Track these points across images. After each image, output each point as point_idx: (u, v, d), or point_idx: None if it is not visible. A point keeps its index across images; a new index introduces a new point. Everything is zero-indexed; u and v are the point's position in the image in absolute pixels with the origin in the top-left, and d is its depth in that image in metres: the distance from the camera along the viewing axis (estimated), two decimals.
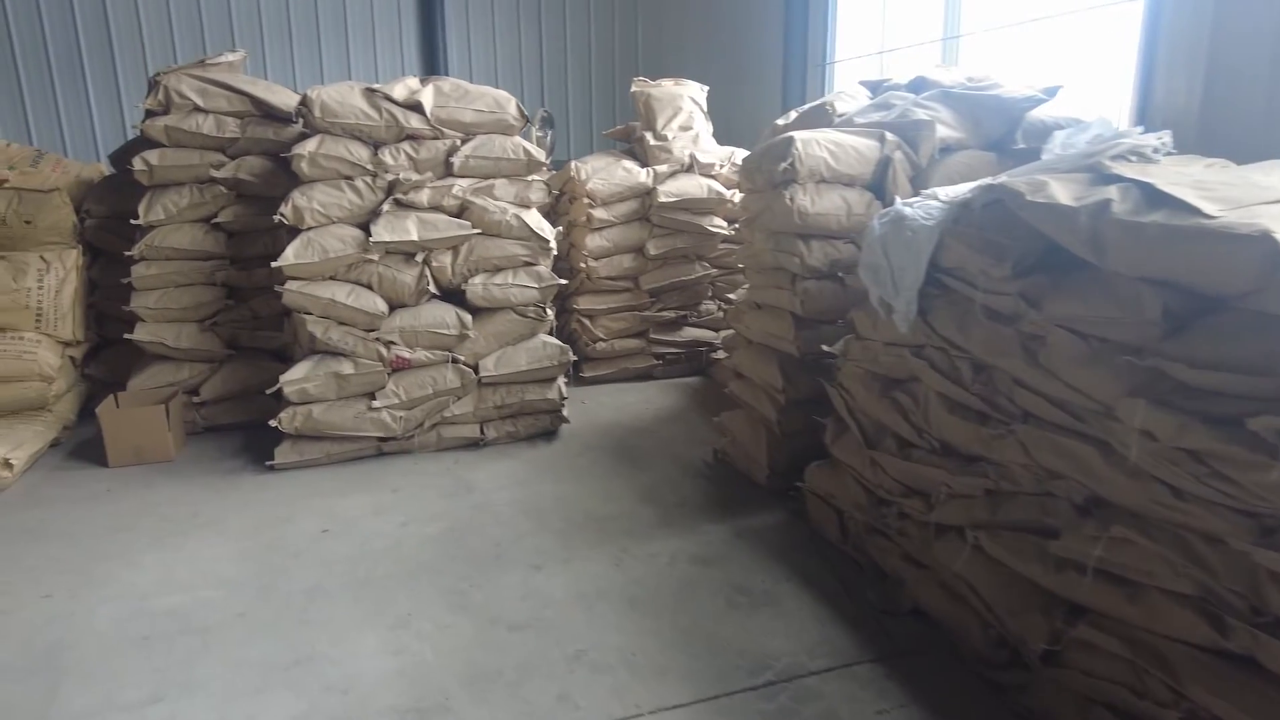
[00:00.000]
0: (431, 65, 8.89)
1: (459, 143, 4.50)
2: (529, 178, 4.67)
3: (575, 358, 4.74)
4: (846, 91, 4.65)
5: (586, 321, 5.69)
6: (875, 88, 4.65)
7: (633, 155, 5.97)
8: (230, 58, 5.17)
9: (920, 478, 2.91)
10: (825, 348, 3.48)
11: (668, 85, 6.16)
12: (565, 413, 4.69)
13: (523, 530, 3.55)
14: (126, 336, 4.69)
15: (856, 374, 3.29)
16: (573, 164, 5.75)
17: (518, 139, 4.64)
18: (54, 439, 4.64)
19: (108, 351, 5.23)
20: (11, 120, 8.08)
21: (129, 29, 8.18)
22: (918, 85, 4.30)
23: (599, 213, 5.55)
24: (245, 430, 4.86)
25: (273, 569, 3.27)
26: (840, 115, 4.27)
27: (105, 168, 5.87)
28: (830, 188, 3.64)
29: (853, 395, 3.29)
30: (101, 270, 5.13)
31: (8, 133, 8.02)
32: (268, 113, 4.86)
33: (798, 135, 3.64)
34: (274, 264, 4.17)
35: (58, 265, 4.76)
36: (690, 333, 5.90)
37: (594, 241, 5.59)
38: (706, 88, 6.27)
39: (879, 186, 3.73)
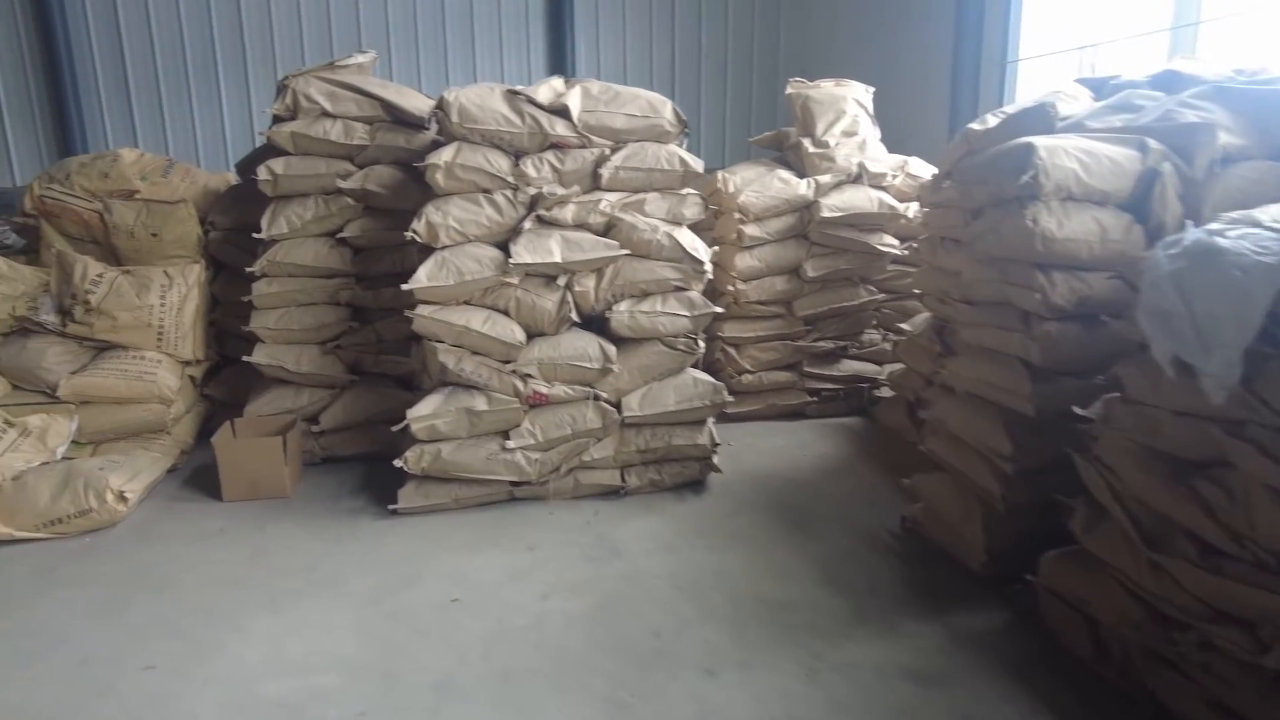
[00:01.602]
0: (559, 69, 8.48)
1: (608, 152, 3.98)
2: (683, 191, 4.11)
3: (731, 398, 4.13)
4: (1065, 91, 3.89)
5: (732, 351, 5.08)
6: (1099, 86, 3.88)
7: (785, 164, 5.33)
8: (360, 59, 4.82)
9: (1241, 601, 2.16)
10: (1078, 410, 2.76)
11: (828, 86, 5.50)
12: (716, 460, 4.09)
13: (684, 615, 2.96)
14: (245, 359, 4.36)
15: (1125, 448, 2.56)
16: (720, 175, 5.16)
17: (672, 147, 4.08)
18: (171, 465, 4.35)
19: (228, 370, 4.95)
20: (151, 129, 8.10)
21: (260, 34, 8.10)
22: (1168, 81, 3.51)
23: (751, 229, 4.94)
24: (365, 463, 4.47)
25: (397, 649, 2.78)
26: (1064, 118, 3.52)
27: (233, 177, 5.63)
28: (1080, 207, 2.91)
29: (1119, 475, 2.56)
30: (224, 286, 4.85)
31: (146, 142, 8.06)
32: (398, 118, 4.46)
33: (1039, 142, 2.93)
34: (405, 286, 3.73)
35: (180, 281, 4.48)
36: (850, 366, 5.21)
37: (744, 261, 4.98)
38: (872, 89, 5.57)
39: (1138, 206, 2.98)
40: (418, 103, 4.55)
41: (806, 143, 5.19)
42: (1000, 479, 3.08)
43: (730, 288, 4.97)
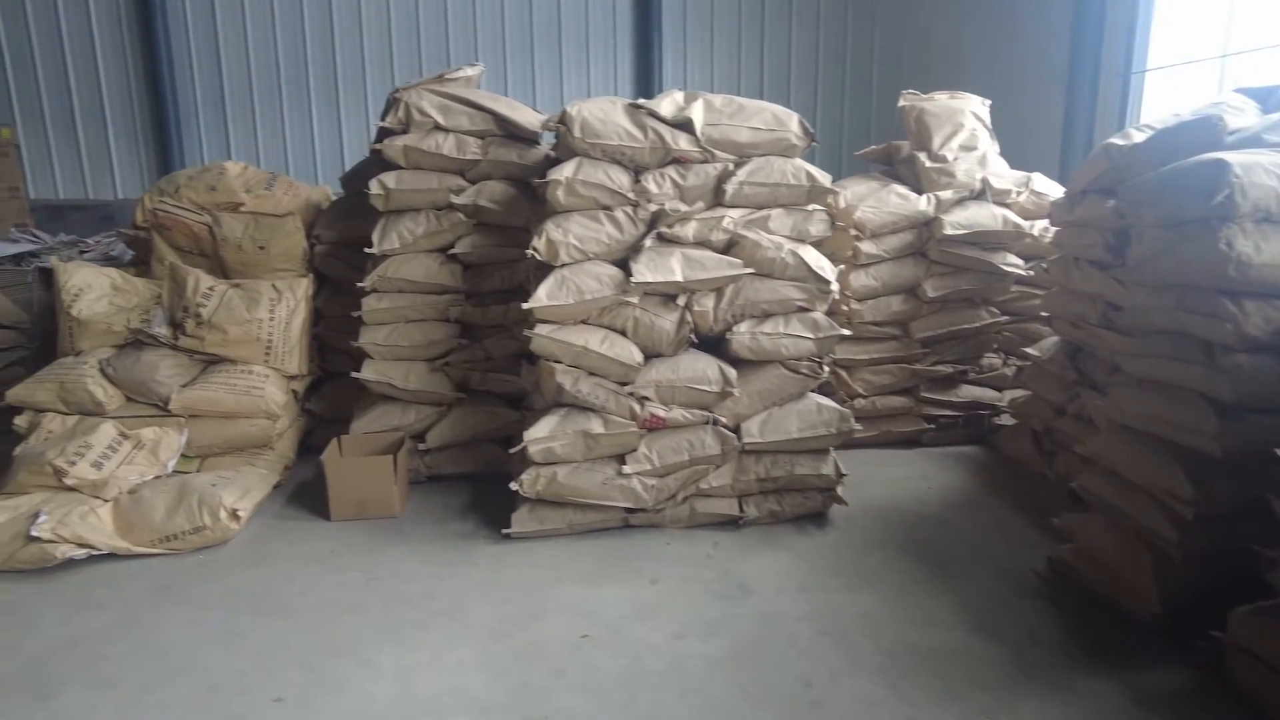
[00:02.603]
0: (645, 80, 8.40)
1: (731, 166, 3.82)
2: (809, 207, 3.93)
3: (858, 426, 3.92)
4: (1228, 102, 3.62)
5: (844, 373, 4.86)
6: (1265, 96, 3.61)
7: (897, 179, 5.11)
8: (469, 72, 4.75)
9: None
10: None
11: (943, 99, 5.27)
12: (841, 491, 3.88)
13: (833, 664, 2.76)
14: (354, 375, 4.30)
15: None
16: None
17: (799, 161, 3.91)
18: (276, 482, 4.31)
19: (329, 385, 4.91)
20: (244, 142, 8.23)
21: (351, 50, 8.18)
22: None
23: (867, 246, 4.73)
24: (471, 482, 4.38)
25: (532, 690, 2.64)
26: (1234, 132, 3.26)
27: (331, 191, 5.62)
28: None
29: None
30: (327, 300, 4.81)
31: (239, 156, 8.18)
32: (510, 132, 4.37)
33: (1232, 158, 2.68)
34: (525, 305, 3.62)
35: (289, 295, 4.45)
36: (968, 392, 4.96)
37: (859, 280, 4.77)
38: (989, 101, 5.32)
39: None
40: (528, 116, 4.46)
41: (922, 157, 4.96)
42: (1176, 523, 2.82)
43: (844, 307, 4.76)
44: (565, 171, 3.72)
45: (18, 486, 3.88)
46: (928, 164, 4.91)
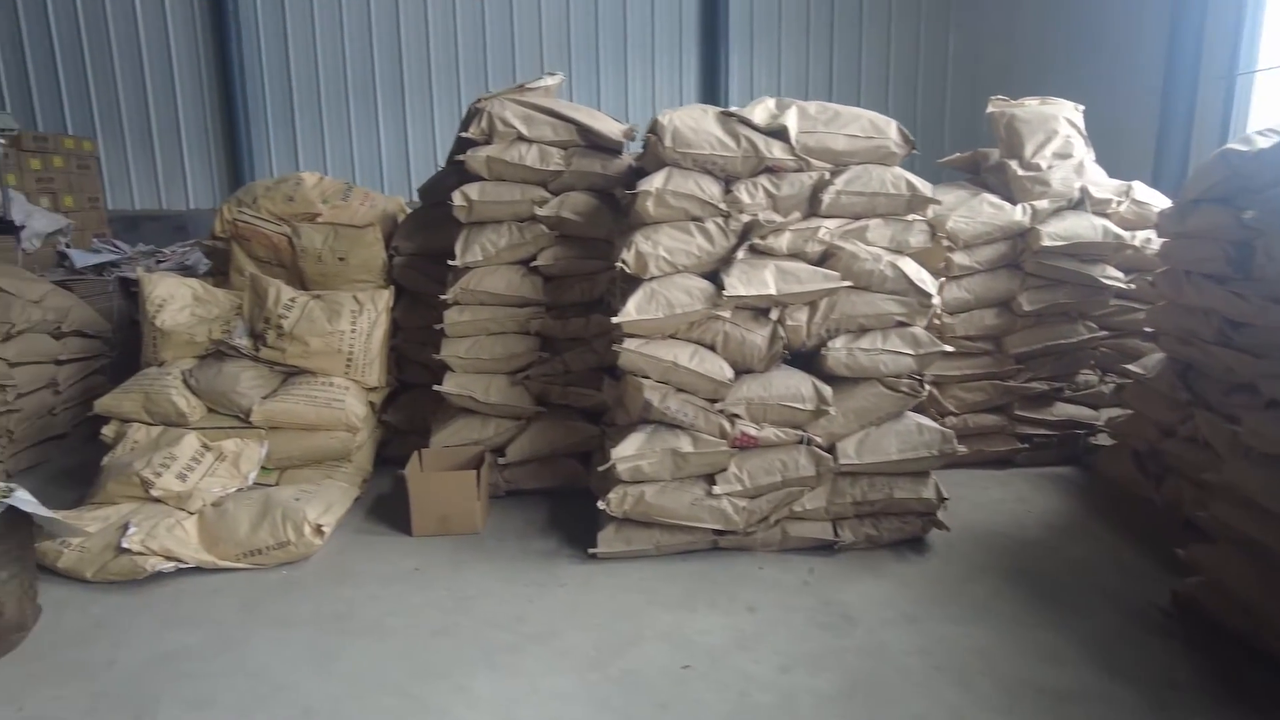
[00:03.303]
0: (711, 88, 8.30)
1: (827, 175, 3.68)
2: (909, 217, 3.77)
3: (962, 448, 3.74)
4: None
5: (934, 390, 4.67)
6: None
7: (985, 187, 4.91)
8: (549, 81, 4.68)
9: None
10: None
11: (1034, 105, 5.06)
12: (941, 516, 3.71)
13: (953, 704, 2.60)
14: (436, 388, 4.24)
15: None
16: None
17: (898, 170, 3.76)
18: (356, 495, 4.27)
19: (405, 396, 4.88)
20: (311, 153, 8.30)
21: (418, 62, 8.21)
22: None
23: (960, 258, 4.54)
24: (549, 498, 4.29)
25: None
26: None
27: (404, 201, 5.59)
28: None
29: None
30: (404, 311, 4.77)
31: (307, 166, 8.26)
32: (592, 142, 4.29)
33: None
34: (615, 319, 3.51)
35: (370, 306, 4.42)
36: (1063, 410, 4.73)
37: (950, 292, 4.58)
38: (1082, 107, 5.10)
39: None
40: (610, 126, 4.38)
41: (1014, 165, 4.76)
42: None
43: (935, 320, 4.56)
44: (655, 182, 3.61)
45: (106, 496, 3.91)
46: (1020, 172, 4.71)
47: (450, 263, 4.20)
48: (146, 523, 3.60)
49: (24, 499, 3.07)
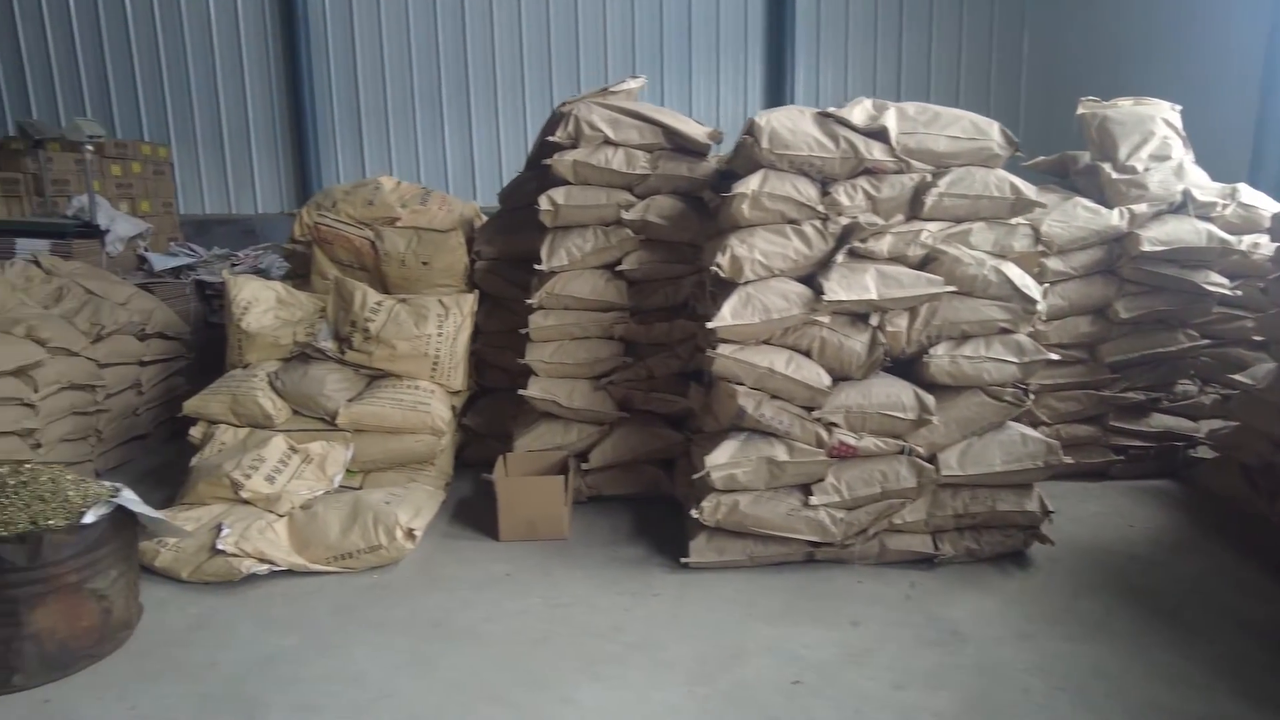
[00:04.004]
0: (776, 89, 8.23)
1: (929, 177, 3.59)
2: (1013, 221, 3.66)
3: (1068, 459, 3.61)
4: None
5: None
6: None
7: (1075, 191, 4.76)
8: (632, 84, 4.65)
9: None
10: None
11: (1127, 105, 4.90)
12: (1046, 530, 3.58)
13: None
14: (521, 393, 4.21)
15: None
16: None
17: (1002, 172, 3.65)
18: (443, 499, 4.26)
19: (484, 401, 4.86)
20: (377, 157, 8.37)
21: (483, 64, 8.24)
22: None
23: (1054, 263, 4.40)
24: (631, 504, 4.23)
25: None
26: None
27: (479, 206, 5.58)
28: None
29: None
30: (484, 315, 4.76)
31: (373, 170, 8.35)
32: (679, 145, 4.24)
33: None
34: (710, 324, 3.45)
35: (456, 311, 4.41)
36: (1160, 421, 4.55)
37: (1045, 299, 4.43)
38: (1179, 107, 4.92)
39: None
40: (695, 129, 4.32)
41: (1107, 168, 4.61)
42: None
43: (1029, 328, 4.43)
44: (751, 184, 3.55)
45: (196, 497, 3.94)
46: (1114, 175, 4.56)
47: (536, 267, 4.17)
48: (239, 524, 3.62)
49: (130, 498, 3.11)
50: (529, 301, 4.19)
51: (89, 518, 2.91)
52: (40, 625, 2.81)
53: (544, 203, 4.15)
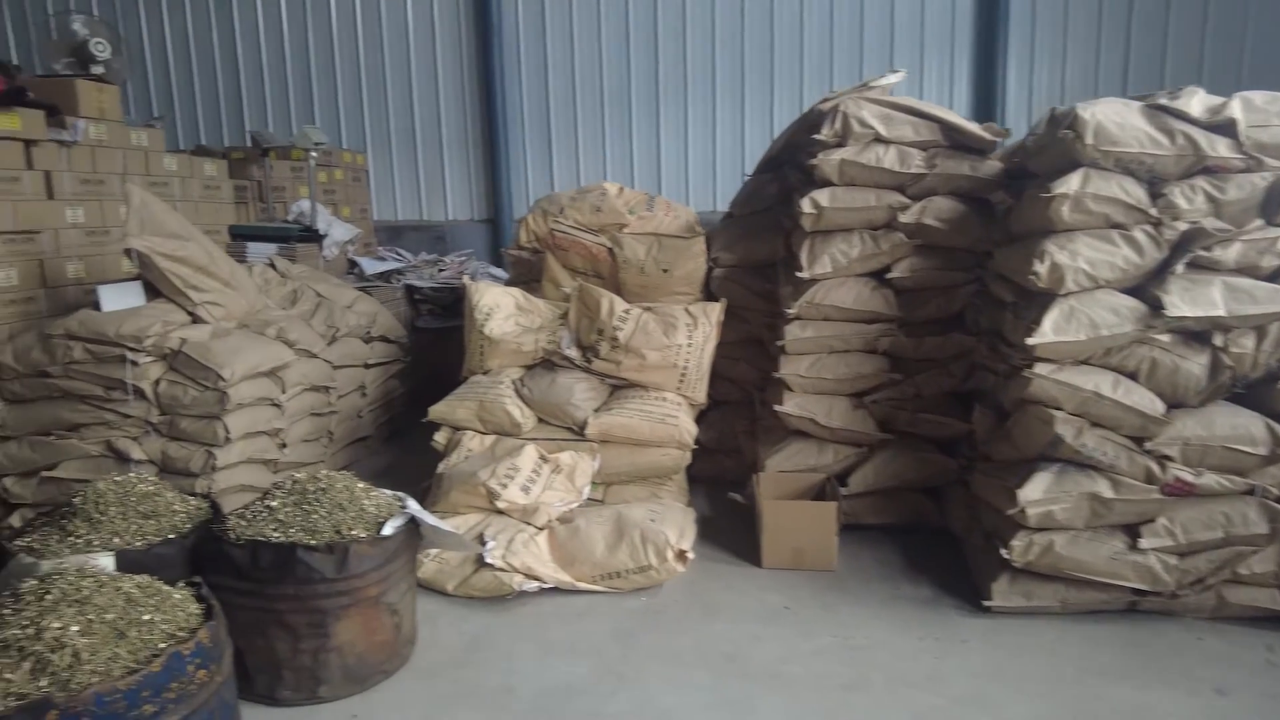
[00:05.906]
0: (986, 88, 7.69)
1: None
2: None
3: None
4: None
5: None
6: None
7: None
8: (890, 79, 4.34)
9: None
10: None
11: None
12: None
13: None
14: (776, 408, 3.96)
15: None
16: None
17: None
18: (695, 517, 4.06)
19: (714, 413, 4.64)
20: (565, 164, 8.35)
21: (674, 68, 8.08)
22: None
23: None
24: (892, 536, 3.90)
25: None
26: None
27: (696, 212, 5.33)
28: None
29: None
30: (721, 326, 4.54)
31: (561, 176, 8.32)
32: (957, 143, 3.89)
33: None
34: (1029, 340, 3.08)
35: (704, 320, 4.20)
36: None
37: None
38: None
39: None
40: (973, 125, 3.96)
41: None
42: None
43: None
44: (1072, 184, 3.16)
45: (450, 505, 3.86)
46: None
47: (798, 274, 3.91)
48: (502, 536, 3.51)
49: (417, 509, 3.03)
50: (787, 311, 3.94)
51: (388, 529, 2.83)
52: (343, 638, 2.75)
53: (807, 205, 3.88)
